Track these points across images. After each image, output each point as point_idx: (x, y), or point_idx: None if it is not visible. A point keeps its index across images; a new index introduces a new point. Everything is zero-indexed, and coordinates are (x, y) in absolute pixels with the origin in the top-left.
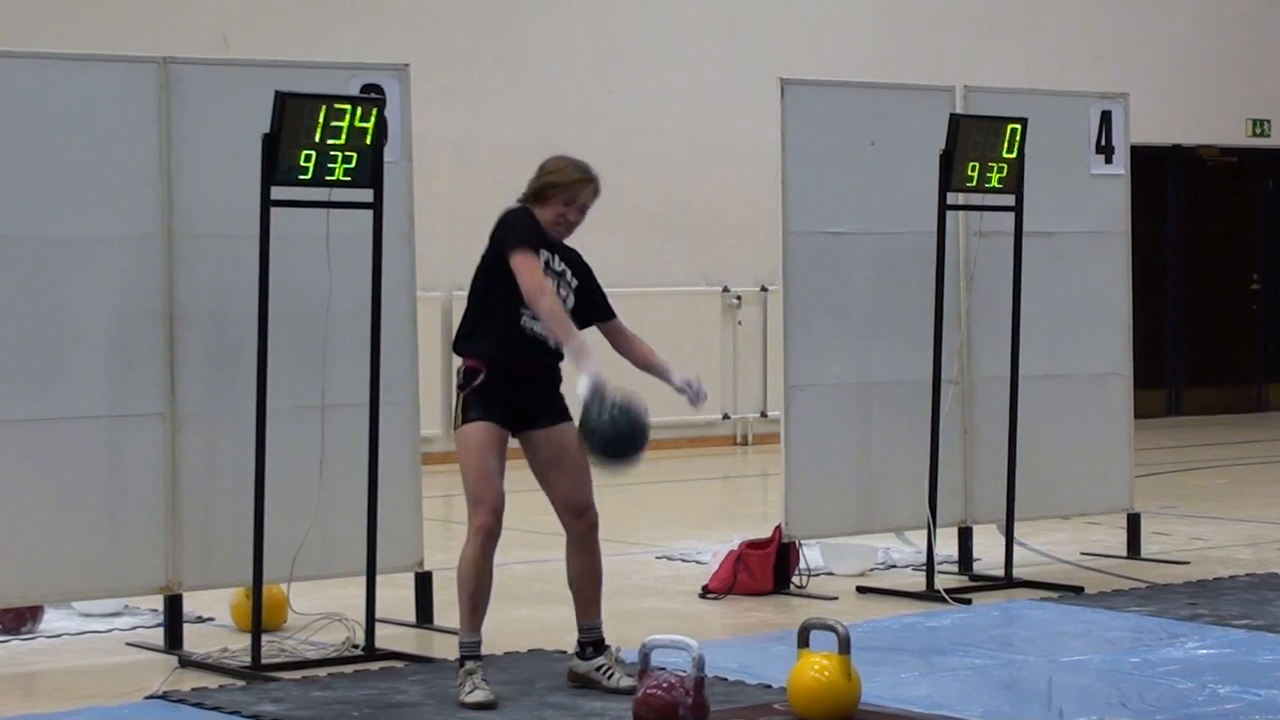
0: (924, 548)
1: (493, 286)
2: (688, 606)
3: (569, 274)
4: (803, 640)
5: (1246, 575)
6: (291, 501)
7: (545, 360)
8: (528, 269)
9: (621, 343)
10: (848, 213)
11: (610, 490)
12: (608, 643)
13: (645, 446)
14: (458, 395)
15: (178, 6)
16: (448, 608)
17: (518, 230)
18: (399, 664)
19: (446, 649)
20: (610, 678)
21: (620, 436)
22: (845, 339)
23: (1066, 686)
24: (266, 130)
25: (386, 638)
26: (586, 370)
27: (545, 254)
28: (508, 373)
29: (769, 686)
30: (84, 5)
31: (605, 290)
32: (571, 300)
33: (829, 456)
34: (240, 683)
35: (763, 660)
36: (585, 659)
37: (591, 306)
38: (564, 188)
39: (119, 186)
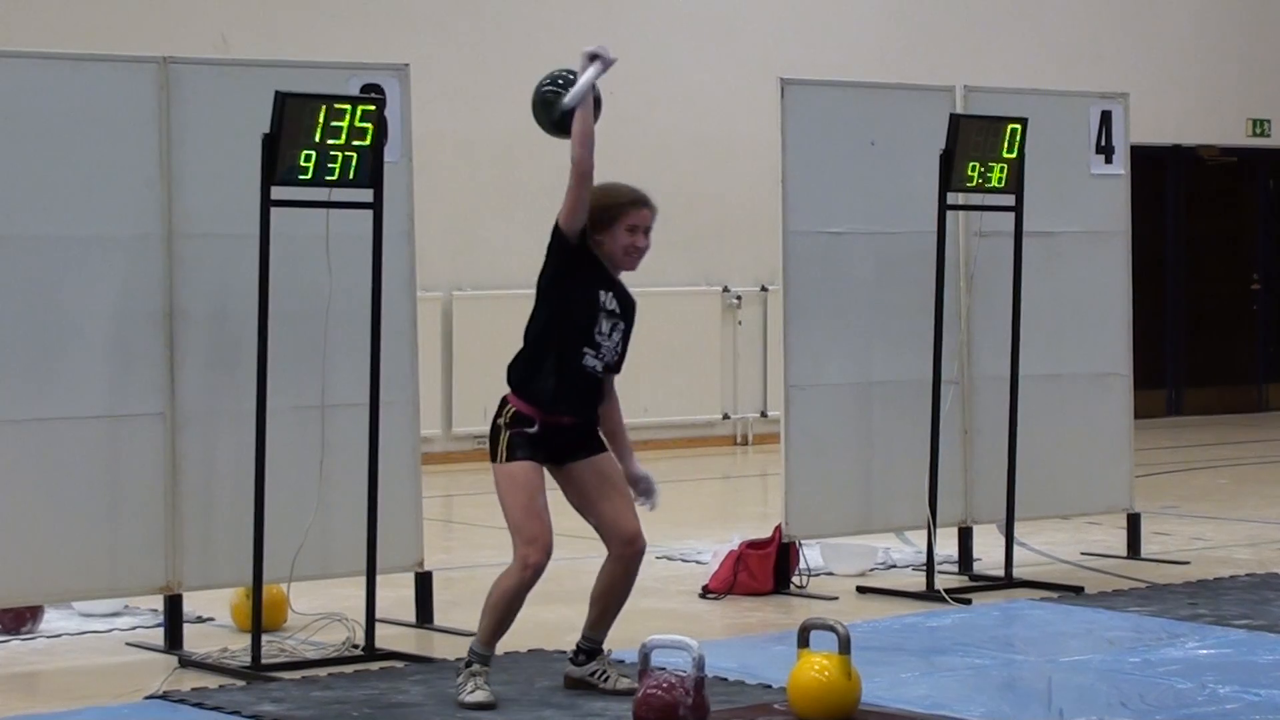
0: (924, 548)
1: (550, 322)
2: (688, 606)
3: (623, 322)
4: (803, 640)
5: (1246, 575)
6: (291, 501)
7: (594, 404)
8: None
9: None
10: (848, 213)
11: None
12: (600, 648)
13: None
14: (498, 429)
15: (178, 6)
16: (448, 607)
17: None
18: (399, 664)
19: (446, 649)
20: (606, 681)
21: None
22: (845, 339)
23: (1066, 686)
24: (266, 130)
25: (386, 638)
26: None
27: (604, 294)
28: (559, 420)
29: (769, 686)
30: (84, 5)
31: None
32: (621, 346)
33: (829, 456)
34: (240, 683)
35: (763, 660)
36: (579, 665)
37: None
38: (634, 214)
39: (119, 186)
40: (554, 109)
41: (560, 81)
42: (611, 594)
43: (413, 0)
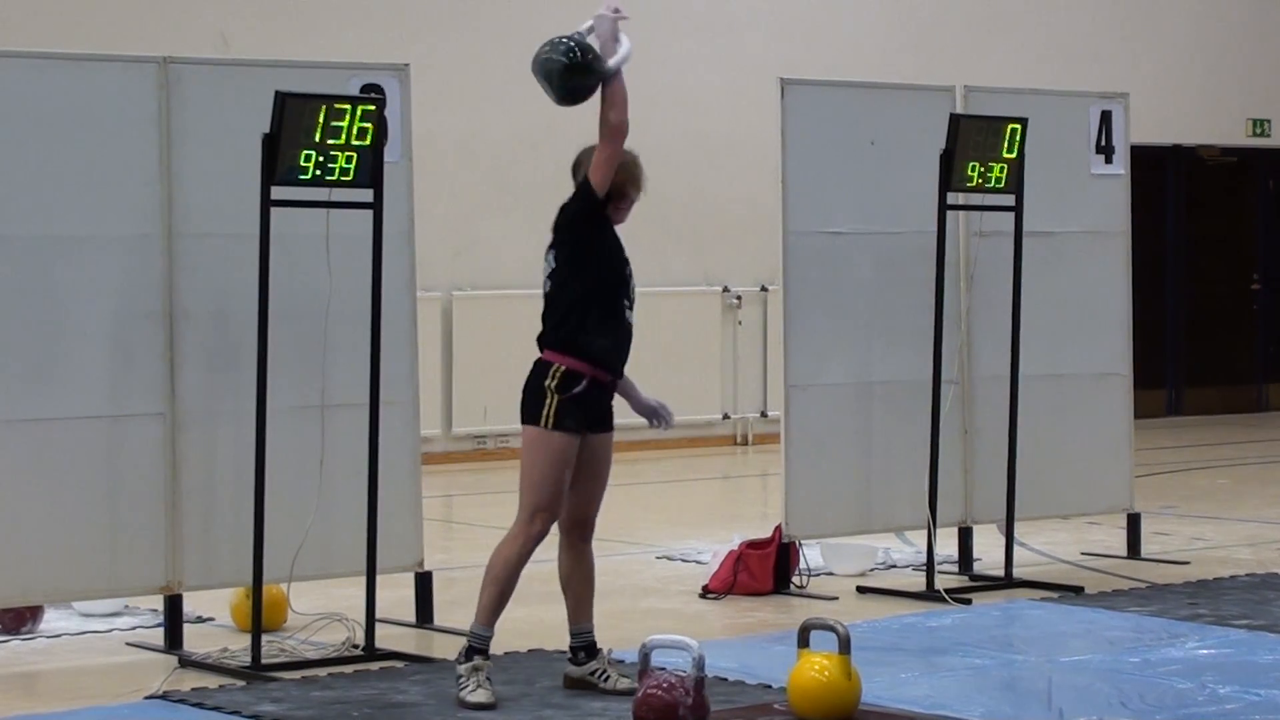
0: (924, 548)
1: (592, 275)
2: (688, 606)
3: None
4: (803, 640)
5: (1246, 575)
6: (291, 501)
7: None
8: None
9: None
10: (848, 213)
11: (611, 490)
12: (600, 646)
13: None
14: (544, 392)
15: (178, 6)
16: (448, 607)
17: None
18: (399, 664)
19: (446, 649)
20: (606, 681)
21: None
22: (845, 339)
23: (1066, 686)
24: (266, 130)
25: (386, 638)
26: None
27: (612, 241)
28: (610, 381)
29: (769, 686)
30: (84, 5)
31: None
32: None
33: (829, 456)
34: (240, 683)
35: (763, 660)
36: (578, 664)
37: None
38: (640, 180)
39: (119, 186)
40: (581, 74)
41: (564, 49)
42: (572, 578)
43: (413, 0)
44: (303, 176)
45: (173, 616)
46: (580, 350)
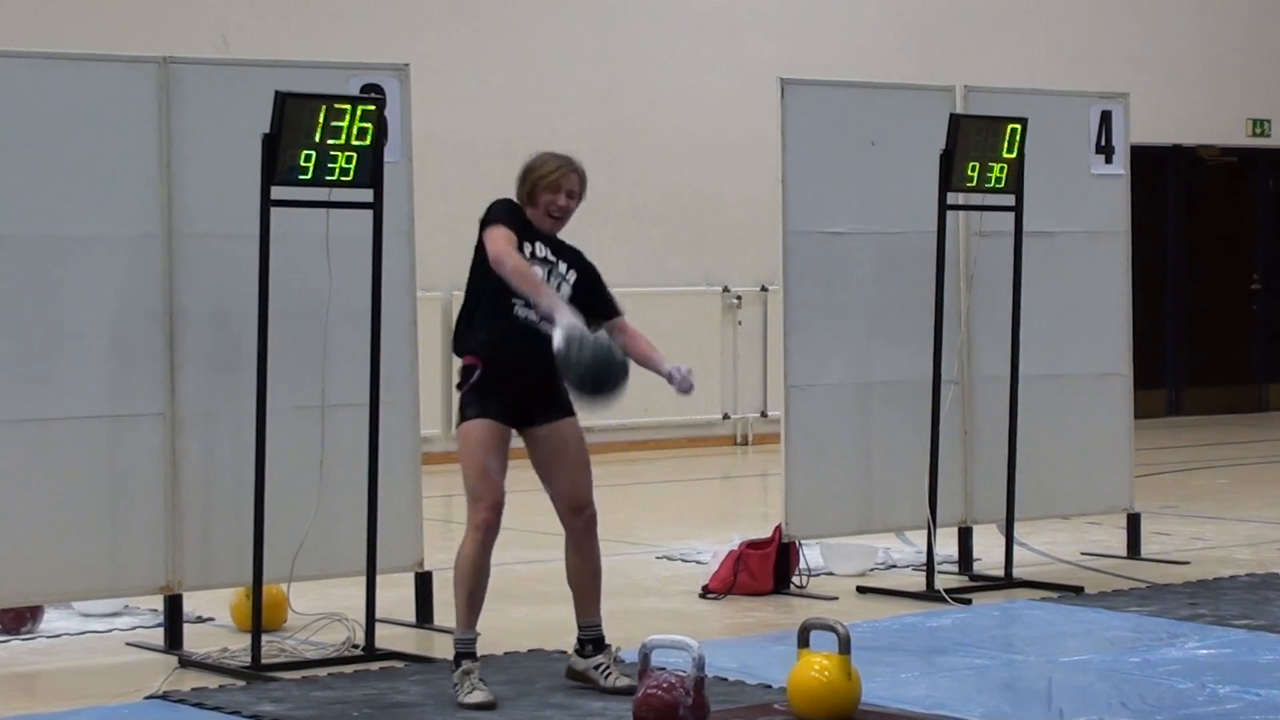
0: (924, 548)
1: (482, 278)
2: (688, 606)
3: (562, 265)
4: (803, 640)
5: (1246, 575)
6: (291, 501)
7: (542, 355)
8: (495, 239)
9: (623, 340)
10: (848, 213)
11: (610, 490)
12: (608, 641)
13: (624, 378)
14: (458, 393)
15: (178, 6)
16: (447, 608)
17: (494, 211)
18: (399, 664)
19: (446, 649)
20: (607, 677)
21: (599, 368)
22: (845, 339)
23: (1066, 686)
24: (266, 130)
25: (386, 638)
26: (561, 321)
27: (530, 245)
28: (505, 366)
29: (769, 686)
30: (84, 5)
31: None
32: (567, 291)
33: (829, 456)
34: (240, 683)
35: (763, 660)
36: (585, 656)
37: (593, 302)
38: (549, 178)
39: (119, 186)
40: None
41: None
42: (580, 573)
43: (413, 0)
44: (303, 176)
45: (173, 616)
46: (468, 347)
